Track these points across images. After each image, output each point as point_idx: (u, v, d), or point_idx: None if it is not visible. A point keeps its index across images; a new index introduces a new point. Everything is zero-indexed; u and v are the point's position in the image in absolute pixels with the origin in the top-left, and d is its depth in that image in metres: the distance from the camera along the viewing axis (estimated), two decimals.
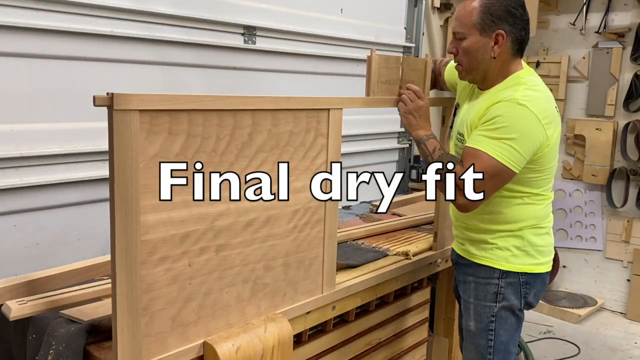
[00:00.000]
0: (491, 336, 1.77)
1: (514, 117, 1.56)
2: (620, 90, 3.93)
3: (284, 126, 1.50)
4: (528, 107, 1.56)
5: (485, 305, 1.76)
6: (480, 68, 1.70)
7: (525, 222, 1.73)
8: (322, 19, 2.97)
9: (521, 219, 1.73)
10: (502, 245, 1.74)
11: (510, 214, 1.72)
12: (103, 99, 1.12)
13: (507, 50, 1.67)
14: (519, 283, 1.74)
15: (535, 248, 1.74)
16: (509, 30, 1.64)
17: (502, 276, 1.74)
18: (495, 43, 1.65)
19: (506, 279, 1.74)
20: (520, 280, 1.74)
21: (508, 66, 1.70)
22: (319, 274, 1.69)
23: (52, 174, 1.97)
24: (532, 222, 1.73)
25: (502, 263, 1.74)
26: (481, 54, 1.67)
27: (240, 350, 1.39)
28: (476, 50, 1.66)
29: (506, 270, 1.73)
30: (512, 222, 1.73)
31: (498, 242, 1.74)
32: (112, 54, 2.10)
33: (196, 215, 1.33)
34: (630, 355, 3.41)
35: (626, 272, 4.04)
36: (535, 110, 1.57)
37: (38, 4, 1.88)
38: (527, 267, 1.74)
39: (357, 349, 2.02)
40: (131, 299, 1.22)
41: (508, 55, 1.68)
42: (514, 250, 1.73)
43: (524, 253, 1.74)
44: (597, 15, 3.99)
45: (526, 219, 1.73)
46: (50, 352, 1.37)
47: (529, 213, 1.73)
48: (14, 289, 1.57)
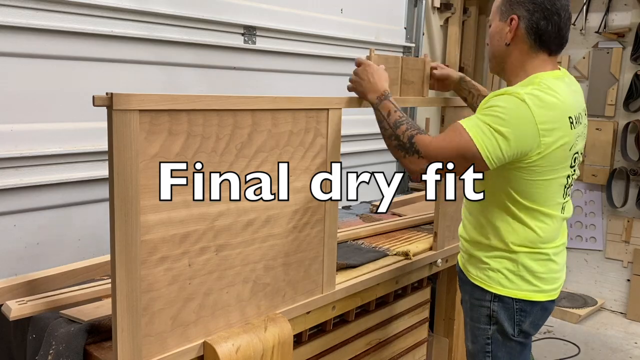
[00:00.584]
0: (489, 359, 1.64)
1: (510, 111, 1.41)
2: (621, 90, 3.93)
3: (283, 126, 1.50)
4: (529, 106, 1.40)
5: (479, 327, 1.63)
6: (498, 56, 1.60)
7: (520, 243, 1.56)
8: (322, 19, 2.97)
9: (515, 238, 1.56)
10: (495, 266, 1.59)
11: (503, 229, 1.56)
12: (103, 99, 1.12)
13: (522, 39, 1.53)
14: (512, 309, 1.58)
15: (533, 274, 1.57)
16: (524, 15, 1.51)
17: (494, 299, 1.59)
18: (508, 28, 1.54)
19: (499, 303, 1.59)
20: (514, 306, 1.58)
21: (528, 60, 1.54)
22: (319, 274, 1.69)
23: (52, 174, 1.97)
24: (528, 243, 1.56)
25: (494, 286, 1.59)
26: (497, 40, 1.57)
27: (240, 350, 1.39)
28: (493, 35, 1.58)
29: (499, 294, 1.58)
30: (506, 240, 1.56)
31: (491, 263, 1.59)
32: (112, 54, 2.10)
33: (196, 215, 1.33)
34: (630, 355, 3.41)
35: (626, 272, 4.04)
36: (537, 112, 1.41)
37: (38, 4, 1.88)
38: (522, 294, 1.57)
39: (357, 349, 2.02)
40: (131, 299, 1.22)
41: (525, 46, 1.53)
42: (507, 274, 1.58)
43: (519, 278, 1.57)
44: (597, 15, 3.99)
45: (521, 239, 1.55)
46: (50, 352, 1.37)
47: (525, 233, 1.55)
48: (14, 289, 1.57)
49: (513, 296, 1.57)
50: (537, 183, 1.50)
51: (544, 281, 1.59)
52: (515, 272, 1.57)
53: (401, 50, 3.61)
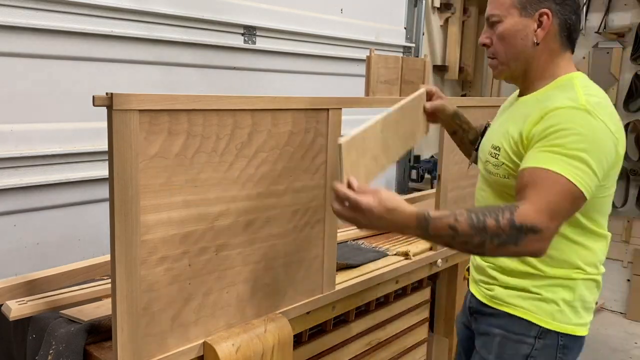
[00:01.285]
0: None
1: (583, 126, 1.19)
2: (620, 90, 3.93)
3: (283, 126, 1.50)
4: (598, 115, 1.20)
5: None
6: (521, 58, 1.35)
7: (580, 268, 1.35)
8: (322, 19, 2.97)
9: (576, 263, 1.35)
10: (549, 296, 1.35)
11: (561, 255, 1.34)
12: (102, 99, 1.12)
13: (554, 36, 1.32)
14: (556, 346, 1.37)
15: (584, 304, 1.38)
16: (556, 9, 1.30)
17: (540, 335, 1.36)
18: (539, 25, 1.31)
19: (544, 340, 1.36)
20: (559, 342, 1.37)
21: (557, 61, 1.35)
22: (319, 274, 1.69)
23: (52, 174, 1.98)
24: (588, 269, 1.36)
25: (544, 318, 1.36)
26: (521, 38, 1.32)
27: (240, 350, 1.39)
28: (515, 34, 1.32)
29: (547, 328, 1.35)
30: (565, 267, 1.35)
31: (543, 293, 1.35)
32: (112, 54, 2.10)
33: (196, 215, 1.33)
34: (630, 355, 3.41)
35: (626, 272, 4.04)
36: (607, 120, 1.21)
37: (38, 4, 1.88)
38: (570, 328, 1.37)
39: (357, 349, 2.02)
40: (131, 299, 1.22)
41: (556, 45, 1.33)
42: (562, 305, 1.35)
43: (572, 309, 1.36)
44: (597, 15, 3.99)
45: (582, 264, 1.35)
46: (50, 352, 1.37)
47: (587, 257, 1.35)
48: (14, 289, 1.57)
49: (561, 330, 1.36)
50: (603, 200, 1.32)
51: (589, 312, 1.40)
52: (570, 302, 1.36)
53: (401, 50, 3.61)
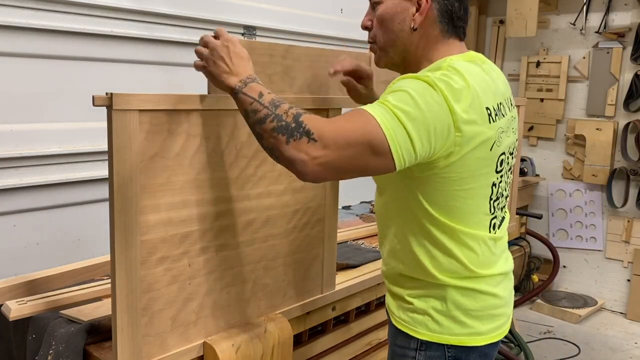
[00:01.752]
0: None
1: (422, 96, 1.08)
2: (621, 90, 3.93)
3: None
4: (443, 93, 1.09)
5: None
6: (398, 43, 1.25)
7: (445, 273, 1.23)
8: (322, 19, 2.97)
9: (439, 268, 1.23)
10: (420, 306, 1.25)
11: (423, 256, 1.23)
12: (102, 99, 1.12)
13: (433, 22, 1.23)
14: (444, 358, 1.25)
15: (467, 313, 1.24)
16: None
17: (420, 347, 1.25)
18: (417, 10, 1.22)
19: (426, 352, 1.25)
20: (446, 354, 1.24)
21: (435, 48, 1.25)
22: (319, 274, 1.69)
23: (52, 174, 1.98)
24: (456, 275, 1.23)
25: (420, 330, 1.25)
26: (398, 22, 1.24)
27: (240, 350, 1.39)
28: (392, 17, 1.24)
29: (427, 340, 1.25)
30: (429, 270, 1.23)
31: (415, 302, 1.26)
32: (112, 54, 2.10)
33: (196, 215, 1.33)
34: (630, 356, 3.41)
35: (626, 272, 4.04)
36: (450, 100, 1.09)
37: (38, 4, 1.88)
38: (454, 339, 1.24)
39: (357, 349, 2.02)
40: (131, 299, 1.22)
41: (436, 31, 1.24)
42: (435, 315, 1.24)
43: (449, 319, 1.24)
44: (597, 15, 3.99)
45: (445, 269, 1.22)
46: (50, 352, 1.37)
47: (448, 262, 1.22)
48: (14, 289, 1.57)
49: (444, 342, 1.24)
50: (455, 194, 1.18)
51: (480, 320, 1.25)
52: (444, 312, 1.24)
53: None
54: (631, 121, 3.88)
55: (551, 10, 4.20)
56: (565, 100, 4.20)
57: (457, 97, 1.10)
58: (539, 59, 4.26)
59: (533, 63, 4.30)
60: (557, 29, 4.22)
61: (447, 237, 1.21)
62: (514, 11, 3.99)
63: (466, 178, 1.16)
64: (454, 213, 1.19)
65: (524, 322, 3.75)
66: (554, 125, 4.27)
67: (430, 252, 1.23)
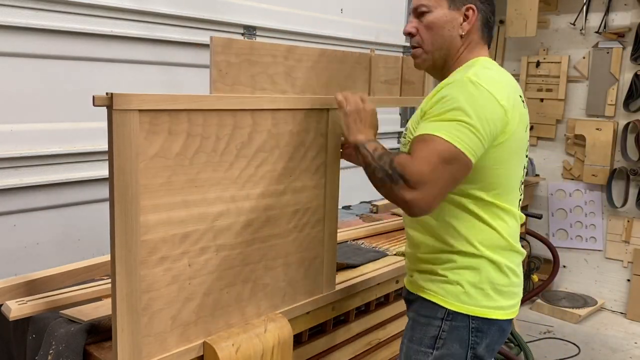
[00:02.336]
0: None
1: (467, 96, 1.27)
2: (621, 90, 3.93)
3: (283, 126, 1.50)
4: (482, 84, 1.29)
5: (420, 350, 1.41)
6: (444, 47, 1.44)
7: (485, 247, 1.37)
8: (322, 19, 2.97)
9: (482, 238, 1.37)
10: (454, 278, 1.38)
11: (465, 230, 1.38)
12: (102, 99, 1.12)
13: (476, 30, 1.44)
14: (467, 329, 1.37)
15: (495, 287, 1.38)
16: (480, 7, 1.43)
17: (447, 317, 1.38)
18: (465, 19, 1.42)
19: (452, 322, 1.37)
20: (470, 325, 1.37)
21: (472, 53, 1.45)
22: (319, 274, 1.69)
23: (52, 174, 1.97)
24: (494, 246, 1.38)
25: (450, 301, 1.38)
26: (448, 30, 1.42)
27: (240, 350, 1.39)
28: (443, 25, 1.42)
29: (454, 310, 1.37)
30: (472, 242, 1.38)
31: (449, 275, 1.39)
32: (112, 54, 2.10)
33: (196, 215, 1.33)
34: (630, 355, 3.41)
35: (626, 272, 4.04)
36: (492, 88, 1.29)
37: (38, 4, 1.88)
38: (481, 311, 1.37)
39: (357, 349, 2.02)
40: (131, 299, 1.22)
41: (476, 37, 1.45)
42: (467, 287, 1.37)
43: (479, 291, 1.37)
44: (597, 15, 3.99)
45: (487, 244, 1.38)
46: (50, 352, 1.37)
47: (489, 234, 1.38)
48: (14, 289, 1.57)
49: (470, 313, 1.37)
50: (500, 171, 1.35)
51: (504, 296, 1.40)
52: (475, 284, 1.38)
53: (401, 50, 3.61)
54: (631, 121, 3.88)
55: (551, 10, 4.20)
56: (565, 100, 4.20)
57: (498, 87, 1.31)
58: (538, 59, 4.27)
59: (533, 63, 4.30)
60: (557, 29, 4.22)
61: (484, 211, 1.37)
62: (514, 11, 3.99)
63: (512, 155, 1.36)
64: (494, 190, 1.36)
65: (524, 322, 3.75)
66: (553, 125, 4.27)
67: (469, 223, 1.38)
